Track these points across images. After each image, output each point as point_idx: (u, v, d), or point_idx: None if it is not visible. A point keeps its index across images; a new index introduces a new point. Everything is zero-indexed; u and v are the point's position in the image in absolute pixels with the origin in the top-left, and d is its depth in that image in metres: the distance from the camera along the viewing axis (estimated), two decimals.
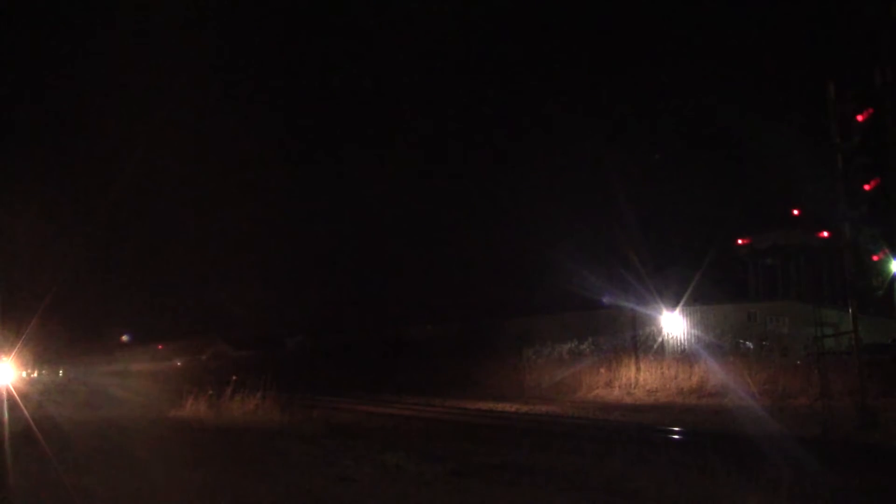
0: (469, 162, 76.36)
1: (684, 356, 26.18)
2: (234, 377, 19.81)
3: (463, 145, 76.27)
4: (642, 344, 28.15)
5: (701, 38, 73.89)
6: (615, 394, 25.00)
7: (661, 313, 28.73)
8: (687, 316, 29.57)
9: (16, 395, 22.53)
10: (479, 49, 77.37)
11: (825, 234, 33.47)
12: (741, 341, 27.01)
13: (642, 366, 25.64)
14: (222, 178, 63.27)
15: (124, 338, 55.32)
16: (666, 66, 74.15)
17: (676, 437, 14.88)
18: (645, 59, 71.28)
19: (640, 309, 28.92)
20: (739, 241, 43.22)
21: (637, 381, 25.17)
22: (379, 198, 70.50)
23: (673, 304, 28.70)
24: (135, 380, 37.22)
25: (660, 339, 28.68)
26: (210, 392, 19.28)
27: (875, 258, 15.49)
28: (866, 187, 14.28)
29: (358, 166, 75.76)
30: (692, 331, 29.29)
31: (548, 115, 72.26)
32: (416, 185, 69.56)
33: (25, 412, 18.17)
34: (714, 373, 23.27)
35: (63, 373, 46.51)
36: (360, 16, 73.26)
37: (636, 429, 15.90)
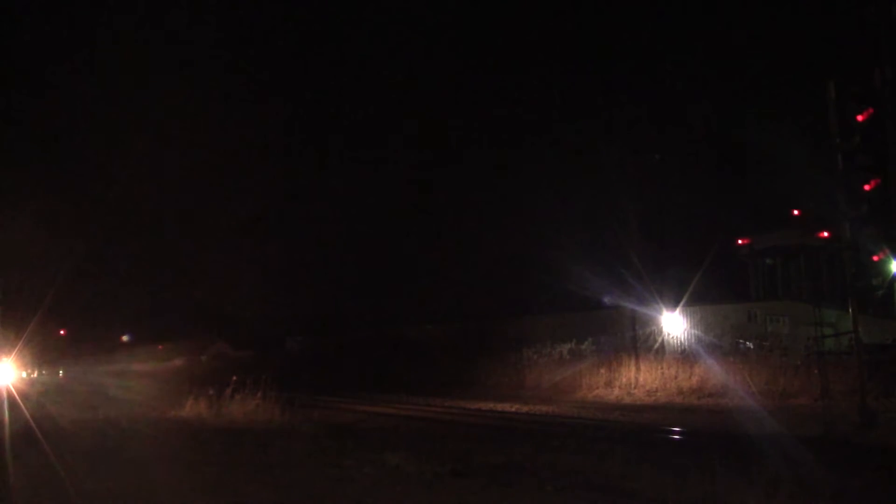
0: (470, 162, 76.37)
1: (684, 356, 26.13)
2: (234, 377, 19.76)
3: (464, 145, 76.28)
4: (642, 344, 28.11)
5: (701, 39, 73.91)
6: (615, 394, 24.99)
7: (661, 313, 28.67)
8: (687, 316, 29.53)
9: (16, 395, 22.59)
10: (481, 49, 77.37)
11: (825, 234, 33.42)
12: (741, 341, 26.97)
13: (642, 366, 25.60)
14: (223, 177, 63.34)
15: (124, 338, 55.41)
16: (667, 67, 74.19)
17: (676, 437, 14.87)
18: (645, 59, 71.30)
19: (640, 309, 28.86)
20: (739, 241, 43.17)
21: (637, 381, 25.14)
22: (379, 198, 70.57)
23: (673, 304, 28.64)
24: (135, 380, 37.23)
25: (660, 339, 28.62)
26: (210, 392, 19.26)
27: (875, 258, 15.43)
28: (866, 187, 14.24)
29: (359, 166, 75.79)
30: (692, 331, 29.26)
31: (548, 115, 72.29)
32: (416, 184, 69.56)
33: (25, 412, 18.20)
34: (714, 373, 23.24)
35: (63, 373, 46.56)
36: (362, 15, 73.28)
37: (636, 429, 15.89)
